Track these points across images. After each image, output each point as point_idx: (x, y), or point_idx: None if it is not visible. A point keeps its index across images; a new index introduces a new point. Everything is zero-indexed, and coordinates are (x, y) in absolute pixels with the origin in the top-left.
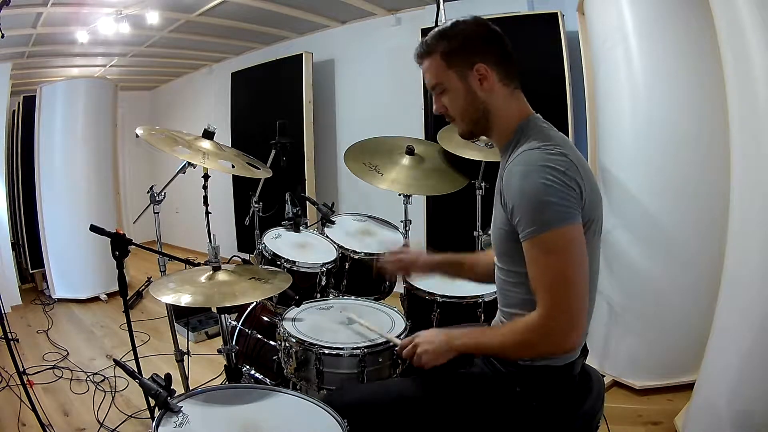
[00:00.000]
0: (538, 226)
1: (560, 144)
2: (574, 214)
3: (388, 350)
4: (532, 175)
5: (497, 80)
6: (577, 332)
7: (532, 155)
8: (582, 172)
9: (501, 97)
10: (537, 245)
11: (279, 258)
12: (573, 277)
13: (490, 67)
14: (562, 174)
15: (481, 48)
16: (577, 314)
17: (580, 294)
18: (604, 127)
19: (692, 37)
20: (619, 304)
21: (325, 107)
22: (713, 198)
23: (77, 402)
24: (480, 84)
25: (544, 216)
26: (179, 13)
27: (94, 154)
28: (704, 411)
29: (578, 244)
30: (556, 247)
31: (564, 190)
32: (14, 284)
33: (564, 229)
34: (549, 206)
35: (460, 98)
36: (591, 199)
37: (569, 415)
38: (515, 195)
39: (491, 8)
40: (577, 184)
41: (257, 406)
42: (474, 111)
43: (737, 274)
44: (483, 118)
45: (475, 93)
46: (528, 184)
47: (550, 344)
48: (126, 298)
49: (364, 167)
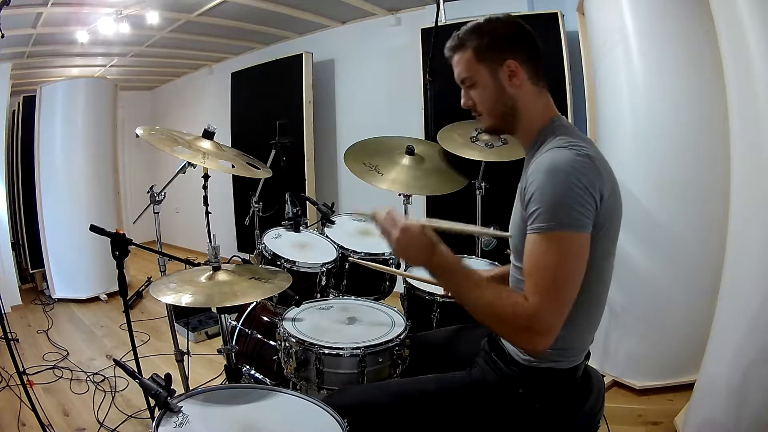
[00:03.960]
0: (554, 223)
1: (584, 144)
2: (586, 223)
3: (389, 350)
4: (558, 173)
5: (526, 77)
6: (548, 336)
7: (561, 154)
8: (605, 175)
9: (529, 94)
10: (545, 241)
11: (279, 258)
12: (570, 281)
13: (520, 64)
14: (586, 179)
15: (513, 45)
16: (560, 320)
17: (570, 301)
18: (604, 127)
19: (692, 37)
20: (619, 304)
21: (325, 107)
22: (713, 198)
23: (77, 402)
24: (509, 80)
25: (559, 215)
26: (179, 13)
27: (94, 154)
28: (704, 411)
29: (580, 253)
30: (560, 248)
31: (584, 196)
32: (14, 284)
33: (573, 235)
34: (566, 208)
35: (489, 92)
36: (611, 204)
37: (570, 415)
38: (539, 187)
39: (491, 8)
40: (599, 190)
41: (257, 406)
42: (501, 106)
43: (737, 274)
44: (510, 114)
45: (503, 88)
46: (553, 180)
47: (524, 336)
48: (126, 298)
49: (364, 167)
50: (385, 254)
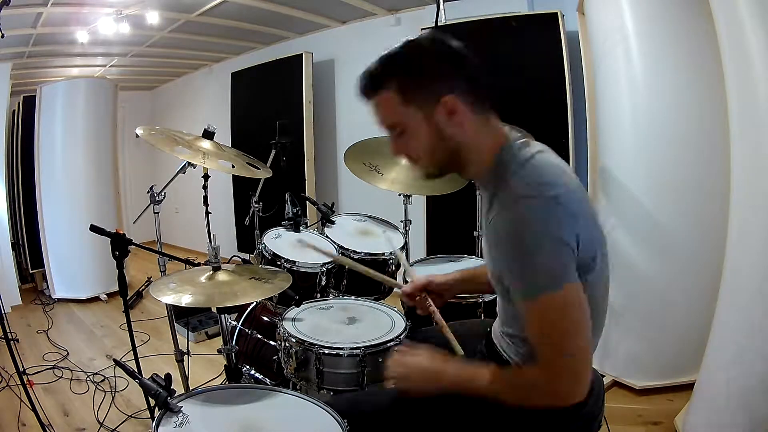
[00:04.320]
0: (531, 289)
1: (547, 180)
2: (569, 273)
3: (389, 350)
4: (523, 236)
5: (469, 111)
6: (582, 385)
7: (519, 208)
8: (577, 207)
9: (473, 129)
10: (533, 308)
11: (279, 258)
12: (573, 338)
13: (458, 98)
14: (554, 228)
15: (447, 74)
16: (580, 370)
17: (583, 353)
18: (604, 127)
19: (692, 37)
20: (619, 304)
21: (325, 107)
22: (713, 198)
23: (77, 402)
24: (448, 119)
25: (537, 280)
26: (179, 13)
27: (94, 154)
28: (704, 411)
29: (575, 304)
30: (551, 311)
31: (556, 248)
32: (14, 284)
33: (558, 293)
34: (540, 269)
35: (424, 139)
36: (589, 236)
37: (570, 415)
38: (506, 255)
39: (491, 8)
40: (573, 235)
41: (257, 406)
42: (441, 152)
43: (737, 273)
44: (453, 157)
45: (442, 131)
46: (521, 248)
47: (554, 401)
48: (126, 298)
49: (364, 167)
50: (385, 254)
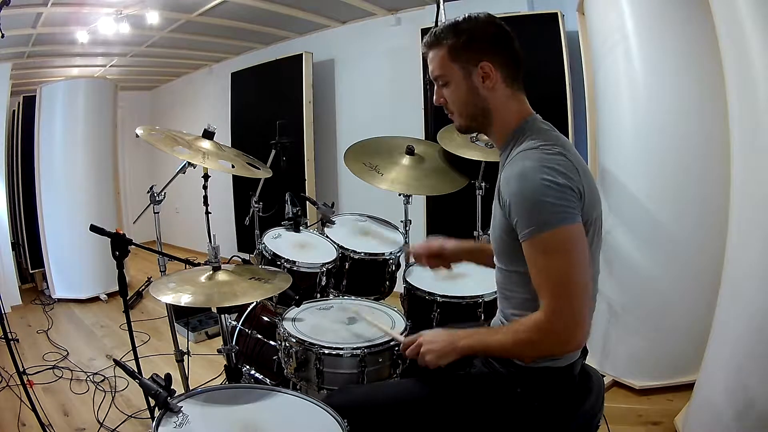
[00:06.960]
0: (536, 226)
1: (559, 144)
2: (573, 214)
3: (389, 350)
4: (529, 174)
5: (501, 80)
6: (581, 331)
7: (531, 155)
8: (580, 172)
9: (502, 96)
10: (536, 246)
11: (279, 258)
12: (574, 276)
13: (495, 67)
14: (560, 174)
15: (489, 46)
16: (580, 313)
17: (583, 292)
18: (604, 127)
19: (692, 37)
20: (619, 304)
21: (325, 107)
22: (713, 198)
23: (77, 402)
24: (483, 81)
25: (542, 216)
26: (179, 13)
27: (94, 154)
28: (704, 411)
29: (578, 243)
30: (555, 248)
31: (562, 190)
32: (14, 284)
33: (562, 229)
34: (547, 206)
35: (461, 93)
36: (589, 199)
37: (569, 415)
38: (513, 195)
39: (491, 8)
40: (576, 184)
41: (257, 406)
42: (473, 107)
43: (737, 273)
44: (481, 115)
45: (476, 90)
46: (526, 184)
47: (554, 344)
48: (126, 298)
49: (364, 167)
50: (385, 254)
